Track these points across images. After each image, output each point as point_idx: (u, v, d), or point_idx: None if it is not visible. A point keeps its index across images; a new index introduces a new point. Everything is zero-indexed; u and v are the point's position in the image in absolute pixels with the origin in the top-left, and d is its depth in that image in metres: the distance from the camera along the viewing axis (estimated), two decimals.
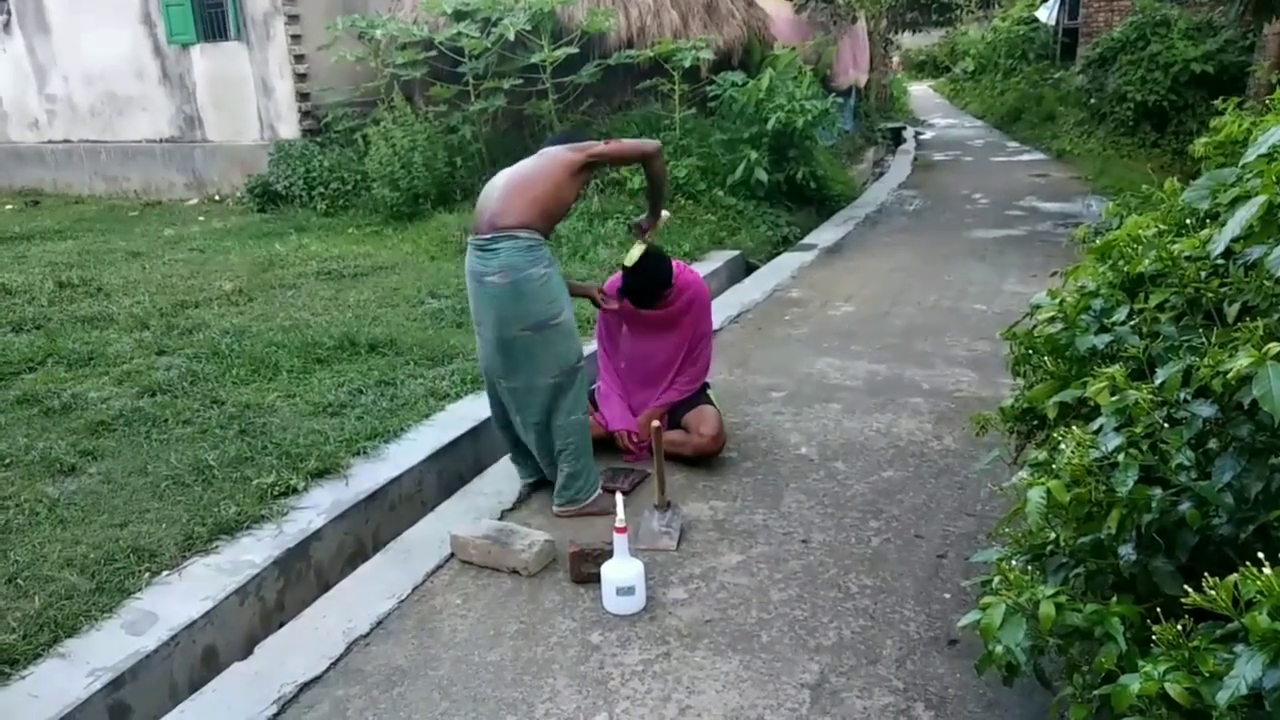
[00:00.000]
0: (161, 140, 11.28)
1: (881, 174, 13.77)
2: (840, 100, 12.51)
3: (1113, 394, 1.95)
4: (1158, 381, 1.91)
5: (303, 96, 10.21)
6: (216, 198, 10.90)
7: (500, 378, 3.53)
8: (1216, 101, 2.99)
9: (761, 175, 8.91)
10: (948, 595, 2.97)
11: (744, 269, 7.90)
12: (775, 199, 9.36)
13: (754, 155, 8.94)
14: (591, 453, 3.62)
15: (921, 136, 17.97)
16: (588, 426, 3.60)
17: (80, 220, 10.07)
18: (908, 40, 27.55)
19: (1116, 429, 1.94)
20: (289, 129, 10.35)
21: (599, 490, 3.63)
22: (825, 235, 8.96)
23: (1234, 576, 1.61)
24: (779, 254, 8.37)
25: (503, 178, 3.50)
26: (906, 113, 21.81)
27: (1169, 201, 2.77)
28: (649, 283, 3.89)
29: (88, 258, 7.87)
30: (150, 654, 2.80)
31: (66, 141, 11.94)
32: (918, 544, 3.29)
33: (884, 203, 10.75)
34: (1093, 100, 14.36)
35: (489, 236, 3.34)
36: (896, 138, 17.38)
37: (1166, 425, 1.89)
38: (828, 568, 3.15)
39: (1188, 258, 2.02)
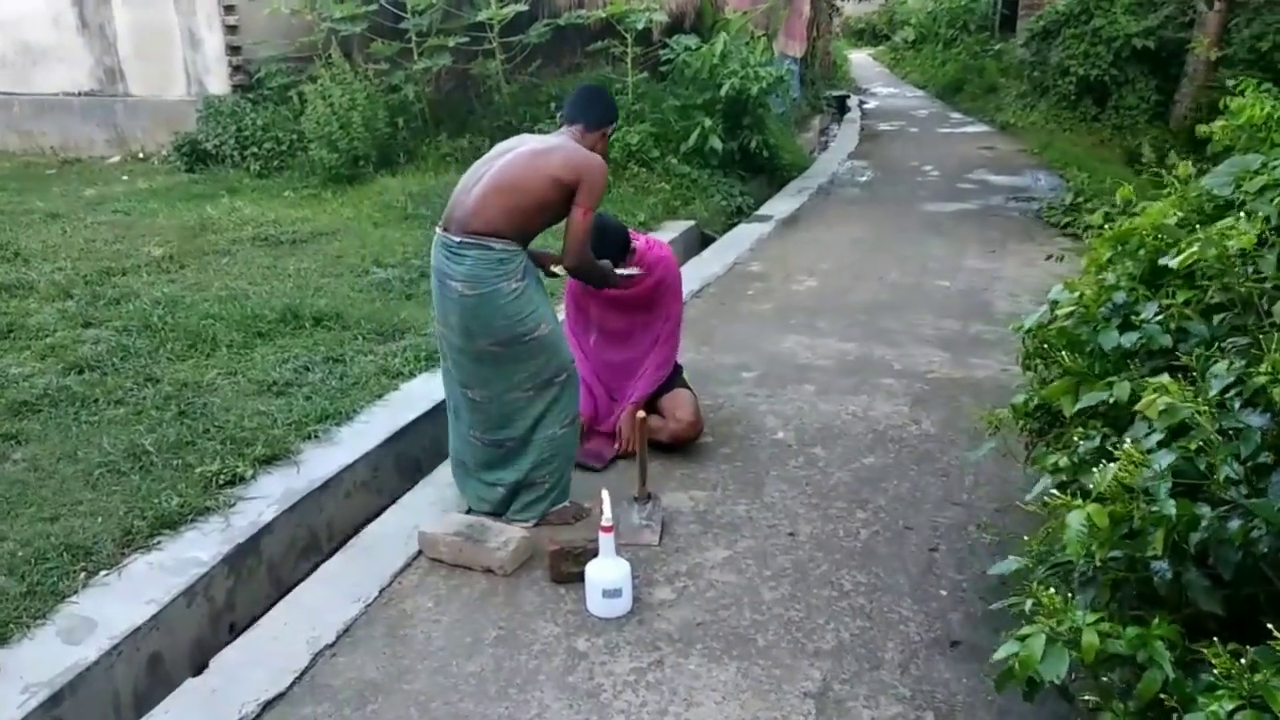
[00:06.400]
0: (80, 93, 10.59)
1: (827, 143, 13.68)
2: (793, 67, 12.36)
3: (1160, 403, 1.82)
4: (1212, 392, 1.79)
5: (233, 50, 9.65)
6: (140, 156, 10.29)
7: (465, 387, 3.23)
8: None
9: (716, 143, 8.72)
10: (944, 592, 2.86)
11: (699, 240, 7.74)
12: (729, 168, 9.20)
13: (708, 123, 8.76)
14: (569, 468, 3.35)
15: (865, 106, 17.92)
16: (571, 442, 3.30)
17: None
18: (848, 8, 27.47)
19: (1165, 444, 1.82)
20: (218, 84, 9.79)
21: (566, 502, 3.38)
22: (780, 206, 8.83)
23: None
24: (734, 224, 8.22)
25: (488, 170, 3.11)
26: (849, 81, 21.77)
27: (1181, 188, 2.66)
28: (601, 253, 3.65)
29: (2, 219, 7.34)
30: (91, 665, 2.55)
31: None
32: (907, 536, 3.18)
33: (835, 173, 10.65)
34: (1035, 73, 14.44)
35: (458, 240, 3.02)
36: (841, 106, 17.31)
37: (1218, 438, 1.77)
38: (818, 563, 3.02)
39: (1240, 253, 1.90)
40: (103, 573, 2.92)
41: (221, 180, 8.91)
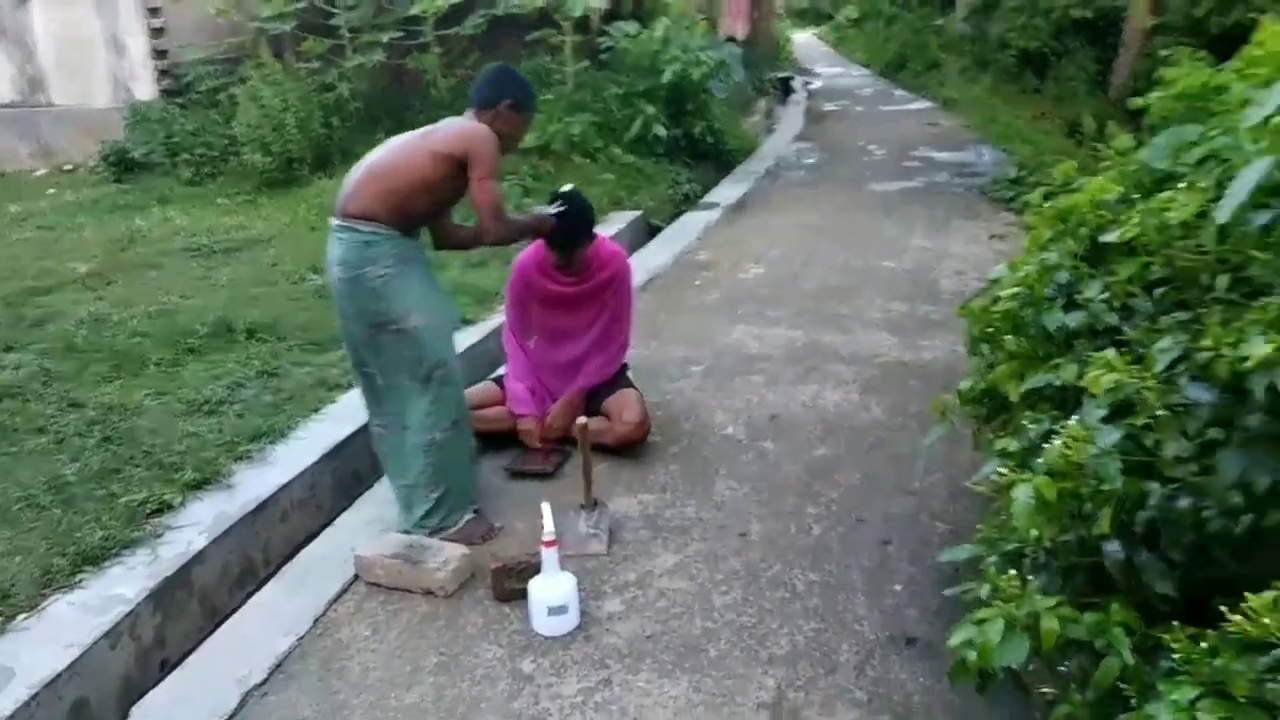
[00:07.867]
0: (1, 105, 10.25)
1: (773, 126, 13.61)
2: (735, 50, 12.26)
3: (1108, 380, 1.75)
4: (1158, 366, 1.71)
5: (159, 54, 9.37)
6: (67, 167, 9.97)
7: (364, 365, 3.20)
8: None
9: (660, 131, 8.62)
10: (898, 586, 2.79)
11: (646, 231, 7.62)
12: (674, 155, 9.09)
13: (651, 110, 8.64)
14: (464, 475, 3.18)
15: (810, 86, 17.88)
16: (456, 447, 3.14)
17: None
18: None
19: (1110, 420, 1.75)
20: (145, 90, 9.51)
21: (470, 513, 3.20)
22: (727, 192, 8.73)
23: (1274, 593, 1.44)
24: (681, 213, 8.11)
25: (374, 154, 3.13)
26: (793, 62, 21.73)
27: (1121, 162, 2.59)
28: (576, 222, 3.56)
29: None
30: (8, 718, 2.40)
31: None
32: (860, 529, 3.10)
33: (781, 156, 10.58)
34: (976, 47, 14.50)
35: (336, 223, 3.02)
36: (785, 88, 17.25)
37: (1166, 413, 1.70)
38: (770, 564, 2.92)
39: (1184, 226, 1.83)
40: (21, 616, 2.75)
41: (151, 190, 8.64)
